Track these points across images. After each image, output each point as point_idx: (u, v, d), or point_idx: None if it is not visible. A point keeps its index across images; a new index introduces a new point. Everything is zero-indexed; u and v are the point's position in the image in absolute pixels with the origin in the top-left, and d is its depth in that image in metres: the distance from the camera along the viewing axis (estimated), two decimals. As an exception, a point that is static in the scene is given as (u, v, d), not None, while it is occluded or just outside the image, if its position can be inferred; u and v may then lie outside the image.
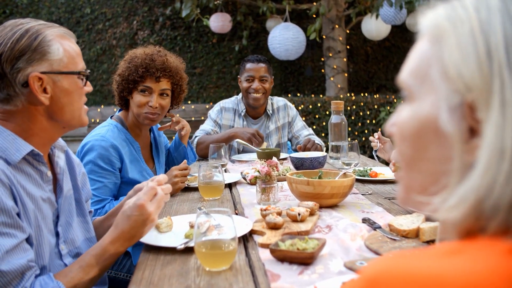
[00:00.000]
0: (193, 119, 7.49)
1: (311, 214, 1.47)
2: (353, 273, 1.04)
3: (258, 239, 1.29)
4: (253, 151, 2.85)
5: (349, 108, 6.42)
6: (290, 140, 3.23)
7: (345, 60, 7.18)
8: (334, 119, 2.47)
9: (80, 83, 1.22)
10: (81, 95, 1.23)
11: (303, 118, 5.66)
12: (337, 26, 7.01)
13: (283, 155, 2.88)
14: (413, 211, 1.45)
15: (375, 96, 6.68)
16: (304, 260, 1.09)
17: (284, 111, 3.17)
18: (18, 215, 1.07)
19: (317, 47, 8.28)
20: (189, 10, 6.30)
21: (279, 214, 1.43)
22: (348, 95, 6.96)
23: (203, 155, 2.87)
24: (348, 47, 7.88)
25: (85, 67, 1.24)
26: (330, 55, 7.10)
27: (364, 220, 1.44)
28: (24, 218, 1.09)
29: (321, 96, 6.97)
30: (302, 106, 6.36)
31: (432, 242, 1.23)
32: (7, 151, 1.11)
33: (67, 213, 1.29)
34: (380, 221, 1.44)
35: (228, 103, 3.12)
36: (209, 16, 6.77)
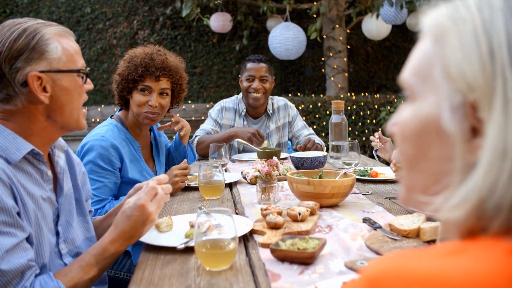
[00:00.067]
0: (193, 118, 7.49)
1: (312, 214, 1.47)
2: (353, 273, 1.04)
3: (258, 238, 1.29)
4: (254, 151, 2.85)
5: (349, 108, 6.41)
6: (290, 139, 3.23)
7: (345, 59, 7.18)
8: (334, 118, 2.47)
9: (80, 81, 1.22)
10: (81, 93, 1.23)
11: (303, 118, 5.66)
12: (337, 26, 7.01)
13: (283, 155, 2.88)
14: (413, 211, 1.44)
15: (375, 96, 6.68)
16: (305, 260, 1.09)
17: (285, 110, 3.17)
18: (18, 214, 1.07)
19: (317, 47, 8.27)
20: (189, 9, 6.30)
21: (279, 213, 1.43)
22: (349, 94, 6.95)
23: (203, 154, 2.86)
24: (348, 46, 7.88)
25: (84, 65, 1.24)
26: (331, 54, 7.10)
27: (365, 220, 1.44)
28: (24, 217, 1.09)
29: (321, 95, 6.97)
30: (303, 106, 6.35)
31: (433, 242, 1.22)
32: (7, 150, 1.11)
33: (67, 212, 1.29)
34: (380, 221, 1.44)
35: (228, 102, 3.12)
36: (209, 15, 6.77)
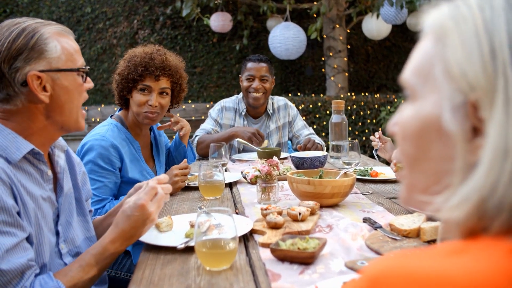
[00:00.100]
0: (193, 118, 7.49)
1: (312, 213, 1.47)
2: (354, 272, 1.04)
3: (258, 238, 1.29)
4: (254, 151, 2.85)
5: (349, 108, 6.41)
6: (290, 139, 3.23)
7: (345, 59, 7.17)
8: (334, 118, 2.47)
9: (80, 80, 1.21)
10: (81, 92, 1.23)
11: (303, 118, 5.66)
12: (337, 26, 7.01)
13: (283, 155, 2.88)
14: (414, 211, 1.44)
15: (375, 96, 6.68)
16: (305, 260, 1.09)
17: (285, 110, 3.17)
18: (18, 214, 1.07)
19: (317, 47, 8.27)
20: (189, 9, 6.29)
21: (279, 213, 1.43)
22: (349, 94, 6.95)
23: (203, 154, 2.86)
24: (348, 46, 7.88)
25: (84, 63, 1.23)
26: (331, 54, 7.10)
27: (365, 220, 1.44)
28: (24, 217, 1.09)
29: (321, 95, 6.96)
30: (303, 106, 6.35)
31: (433, 242, 1.22)
32: (7, 149, 1.11)
33: (67, 212, 1.29)
34: (381, 220, 1.44)
35: (228, 102, 3.12)
36: (209, 15, 6.77)
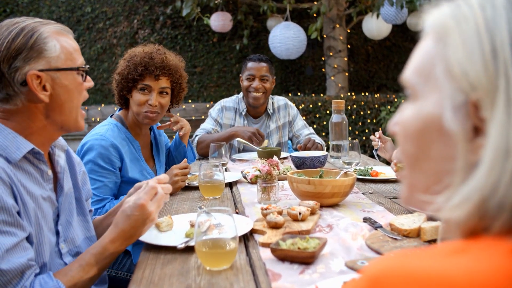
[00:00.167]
0: (193, 118, 7.49)
1: (312, 213, 1.47)
2: (354, 272, 1.04)
3: (259, 238, 1.29)
4: (254, 150, 2.85)
5: (349, 108, 6.41)
6: (290, 139, 3.23)
7: (345, 59, 7.17)
8: (334, 118, 2.47)
9: (80, 79, 1.21)
10: (81, 91, 1.23)
11: (303, 118, 5.66)
12: (337, 25, 7.01)
13: (283, 154, 2.87)
14: (414, 211, 1.44)
15: (375, 96, 6.68)
16: (305, 260, 1.09)
17: (285, 110, 3.17)
18: (18, 213, 1.07)
19: (317, 46, 8.27)
20: (189, 9, 6.29)
21: (280, 213, 1.43)
22: (349, 94, 6.95)
23: (203, 154, 2.86)
24: (348, 46, 7.87)
25: (84, 62, 1.23)
26: (331, 54, 7.10)
27: (365, 220, 1.44)
28: (24, 217, 1.09)
29: (321, 95, 6.97)
30: (303, 105, 6.35)
31: (434, 241, 1.22)
32: (7, 149, 1.11)
33: (67, 212, 1.28)
34: (381, 220, 1.44)
35: (229, 102, 3.12)
36: (209, 15, 6.76)
